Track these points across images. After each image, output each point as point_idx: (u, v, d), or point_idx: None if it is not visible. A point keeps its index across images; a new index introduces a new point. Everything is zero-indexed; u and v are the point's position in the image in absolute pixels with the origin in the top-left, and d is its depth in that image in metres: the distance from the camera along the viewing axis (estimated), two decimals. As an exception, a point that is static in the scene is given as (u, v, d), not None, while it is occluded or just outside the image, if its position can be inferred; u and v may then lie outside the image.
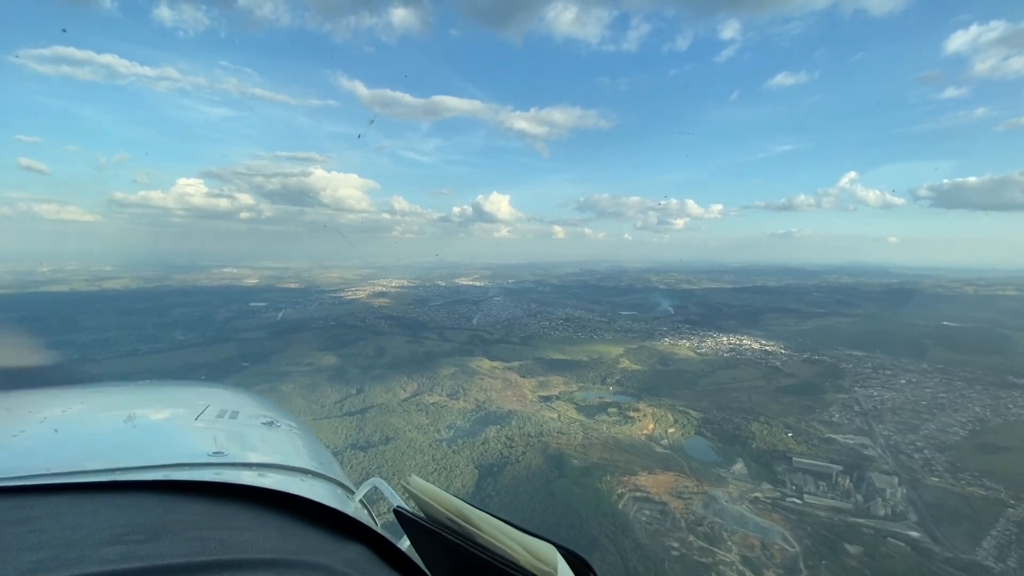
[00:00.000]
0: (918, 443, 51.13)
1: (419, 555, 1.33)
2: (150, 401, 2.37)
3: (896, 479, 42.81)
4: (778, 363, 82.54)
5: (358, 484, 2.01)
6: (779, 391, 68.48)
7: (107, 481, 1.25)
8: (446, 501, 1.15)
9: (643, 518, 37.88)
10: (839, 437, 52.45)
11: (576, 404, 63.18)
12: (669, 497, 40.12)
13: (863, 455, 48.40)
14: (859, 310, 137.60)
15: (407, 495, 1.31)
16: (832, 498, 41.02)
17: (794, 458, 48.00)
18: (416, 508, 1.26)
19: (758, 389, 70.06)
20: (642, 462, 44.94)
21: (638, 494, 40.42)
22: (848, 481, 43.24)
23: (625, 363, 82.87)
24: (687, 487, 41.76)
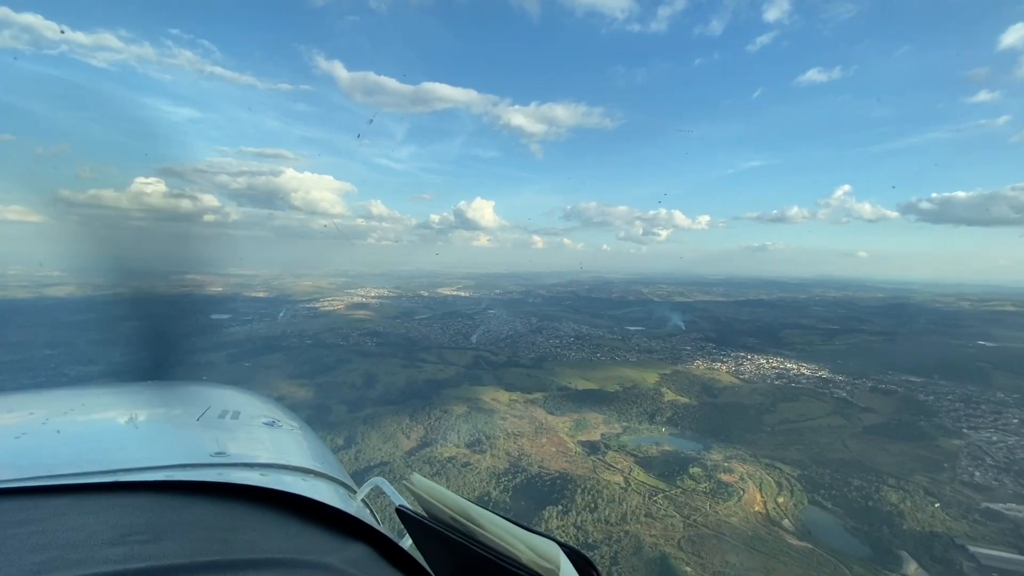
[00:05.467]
0: (1102, 515, 38.87)
1: (422, 554, 1.33)
2: (152, 402, 2.36)
3: None
4: (843, 393, 70.61)
5: (360, 484, 1.97)
6: (872, 434, 55.90)
7: (109, 482, 1.25)
8: (448, 499, 1.14)
9: None
10: (1001, 508, 39.71)
11: (636, 457, 48.62)
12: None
13: (1055, 539, 35.63)
14: (875, 327, 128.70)
15: (409, 494, 1.30)
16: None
17: (969, 547, 34.85)
18: (418, 507, 1.26)
19: (843, 431, 57.37)
20: (787, 570, 30.72)
21: (808, 634, 26.12)
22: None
23: (668, 394, 69.18)
24: (871, 615, 27.71)
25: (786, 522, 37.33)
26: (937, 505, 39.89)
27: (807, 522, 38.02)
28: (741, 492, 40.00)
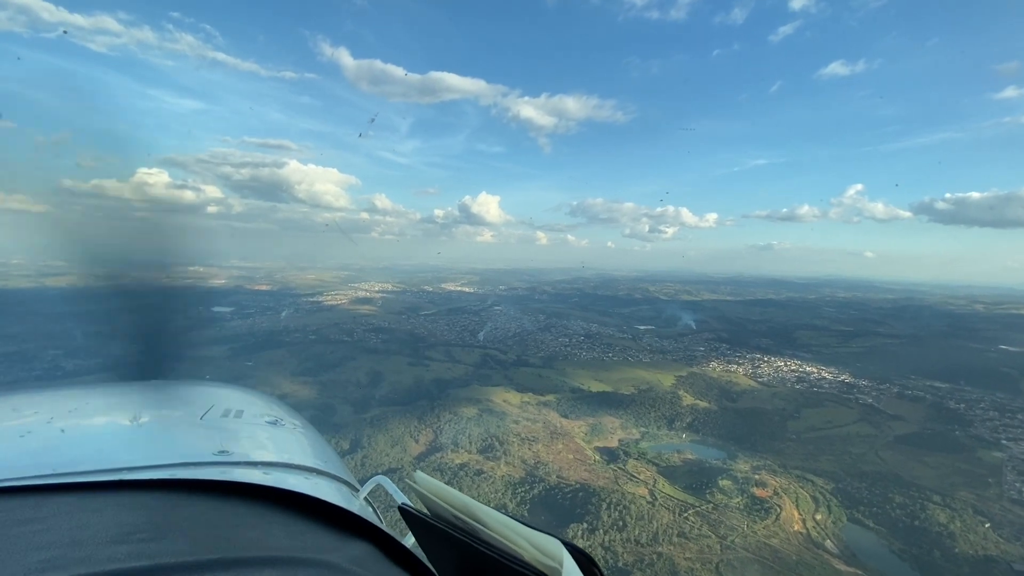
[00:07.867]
0: None
1: (424, 552, 1.34)
2: (155, 400, 2.37)
3: None
4: (869, 399, 67.70)
5: (363, 482, 2.00)
6: (905, 444, 53.00)
7: (113, 480, 1.26)
8: (451, 498, 1.14)
9: None
10: (1058, 530, 36.77)
11: (659, 466, 45.86)
12: None
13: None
14: (891, 329, 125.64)
15: (412, 492, 1.31)
16: None
17: (1030, 574, 32.01)
18: (421, 505, 1.26)
19: (874, 440, 54.49)
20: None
21: None
22: None
23: (687, 398, 66.33)
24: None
25: (828, 543, 34.52)
26: (988, 525, 37.07)
27: (850, 543, 35.24)
28: (778, 509, 37.23)
